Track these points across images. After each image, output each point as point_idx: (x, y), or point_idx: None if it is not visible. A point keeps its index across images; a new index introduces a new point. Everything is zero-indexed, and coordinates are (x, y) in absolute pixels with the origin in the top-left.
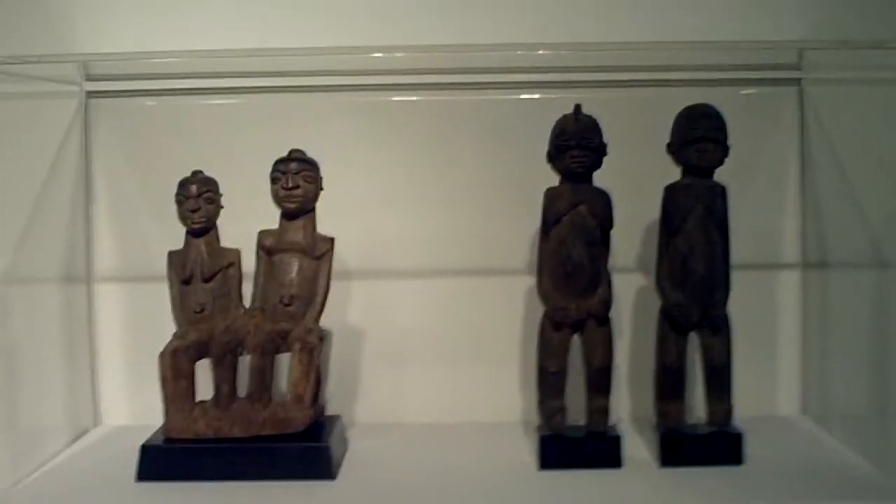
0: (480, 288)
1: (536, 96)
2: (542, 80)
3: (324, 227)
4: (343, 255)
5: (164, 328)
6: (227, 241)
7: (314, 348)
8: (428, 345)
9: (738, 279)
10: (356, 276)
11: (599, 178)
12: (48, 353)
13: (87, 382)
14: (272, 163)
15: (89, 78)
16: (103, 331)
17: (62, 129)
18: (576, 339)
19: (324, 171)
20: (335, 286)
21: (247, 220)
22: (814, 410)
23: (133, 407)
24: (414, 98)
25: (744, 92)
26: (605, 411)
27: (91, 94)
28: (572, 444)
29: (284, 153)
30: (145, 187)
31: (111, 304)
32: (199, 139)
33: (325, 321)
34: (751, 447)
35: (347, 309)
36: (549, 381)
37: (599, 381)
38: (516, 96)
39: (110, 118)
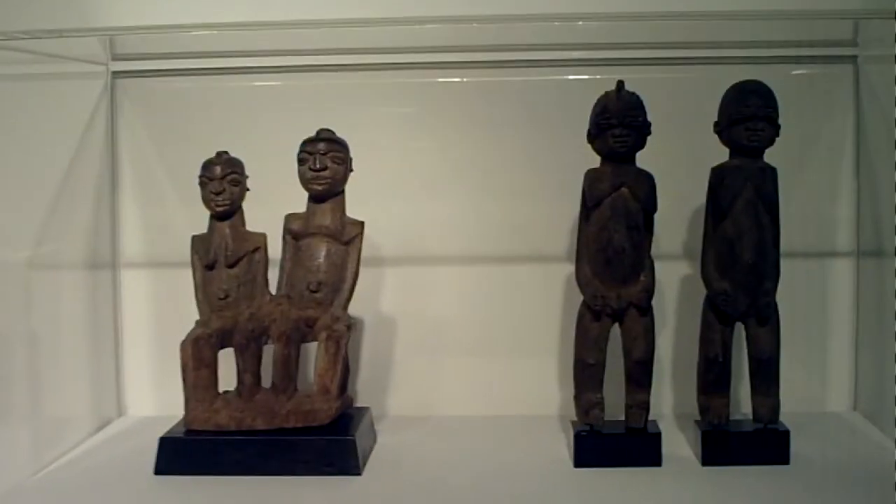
0: (520, 276)
1: (583, 77)
2: (584, 58)
3: (357, 211)
4: (377, 240)
5: (192, 316)
6: (255, 225)
7: (341, 337)
8: (464, 334)
9: (788, 268)
10: (390, 263)
11: (643, 161)
12: (72, 341)
13: (112, 372)
14: None
15: (115, 57)
16: (129, 318)
17: (88, 110)
18: (615, 330)
19: (358, 154)
20: (368, 273)
21: (277, 203)
22: (866, 407)
23: (158, 397)
24: (454, 79)
25: (796, 72)
26: (644, 406)
27: (117, 75)
28: (609, 441)
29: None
30: (173, 170)
31: (137, 290)
32: (229, 121)
33: (356, 309)
34: (798, 445)
35: (381, 297)
36: (587, 374)
37: (639, 375)
38: (558, 76)
39: (137, 99)
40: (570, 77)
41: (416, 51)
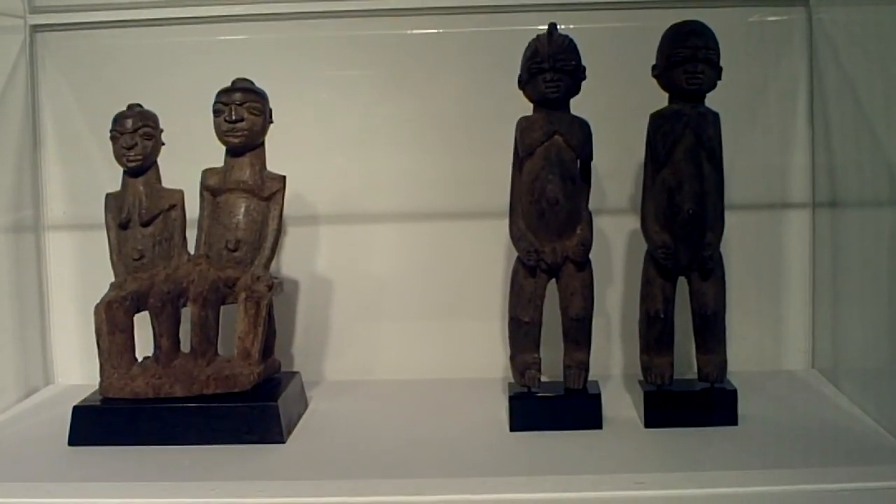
0: (461, 232)
1: (519, 27)
2: (522, 4)
3: (290, 167)
4: (312, 198)
5: None
6: (175, 182)
7: (262, 298)
8: (403, 295)
9: (742, 220)
10: (326, 221)
11: (595, 111)
12: None
13: (38, 339)
14: None
15: (34, 10)
16: (56, 283)
17: (6, 67)
18: (553, 287)
19: (289, 109)
20: (303, 232)
21: (197, 158)
22: (824, 364)
23: (88, 365)
24: (387, 31)
25: (751, 19)
26: (583, 366)
27: (37, 28)
28: (546, 403)
29: None
30: (98, 128)
31: (63, 253)
32: (156, 75)
33: (290, 270)
34: (749, 405)
35: (316, 257)
36: (522, 333)
37: (577, 333)
38: (494, 26)
39: (58, 54)
40: (506, 27)
41: None
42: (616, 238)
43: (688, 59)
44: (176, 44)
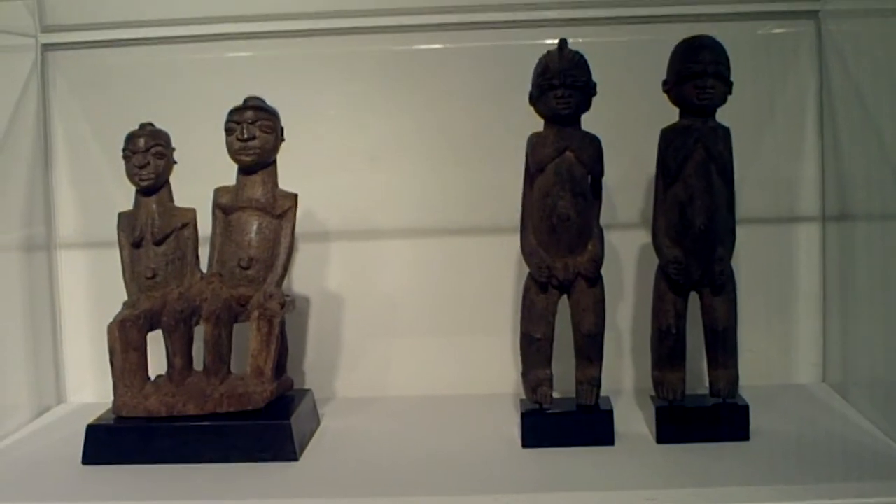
0: (472, 248)
1: (530, 41)
2: (533, 20)
3: (301, 185)
4: (323, 215)
5: None
6: (187, 201)
7: (274, 316)
8: (416, 311)
9: (752, 234)
10: (337, 238)
11: (605, 126)
12: (7, 326)
13: (50, 358)
14: None
15: (45, 29)
16: (68, 302)
17: (18, 86)
18: (565, 303)
19: (300, 126)
20: (314, 249)
21: (210, 177)
22: (834, 378)
23: (100, 383)
24: (397, 47)
25: (760, 31)
26: (595, 382)
27: (48, 47)
28: (558, 420)
29: None
30: (109, 146)
31: (75, 272)
32: (167, 93)
33: (301, 287)
34: (760, 420)
35: (328, 274)
36: (534, 349)
37: (589, 349)
38: (504, 41)
39: (70, 73)
40: (516, 42)
41: (357, 15)
42: (627, 253)
43: (698, 74)
44: (187, 62)
